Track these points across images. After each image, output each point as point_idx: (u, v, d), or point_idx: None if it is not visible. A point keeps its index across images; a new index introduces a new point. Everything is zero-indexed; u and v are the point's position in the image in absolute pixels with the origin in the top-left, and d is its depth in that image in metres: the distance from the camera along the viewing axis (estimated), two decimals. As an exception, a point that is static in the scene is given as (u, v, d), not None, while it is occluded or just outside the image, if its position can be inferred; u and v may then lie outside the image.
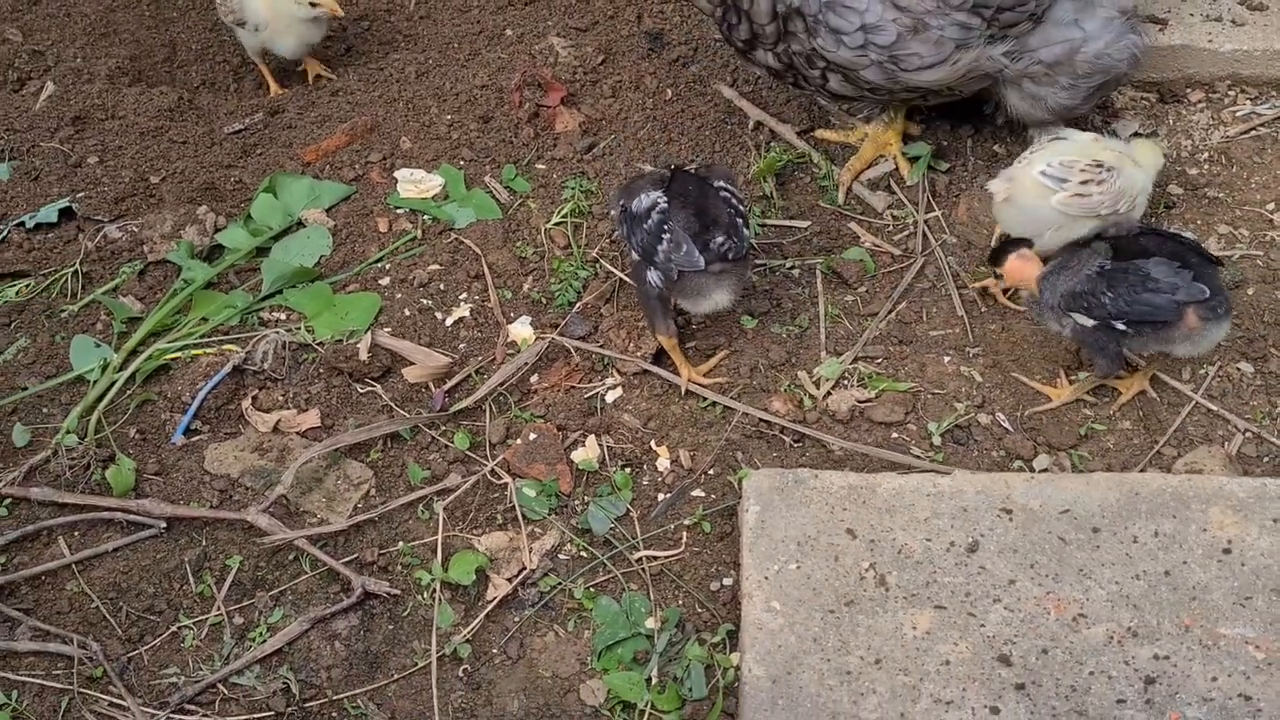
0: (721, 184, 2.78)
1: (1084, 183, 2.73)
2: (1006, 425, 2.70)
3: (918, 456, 2.64)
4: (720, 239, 2.64)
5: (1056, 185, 2.73)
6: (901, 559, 2.35)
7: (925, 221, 3.08)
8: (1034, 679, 2.18)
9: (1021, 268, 2.66)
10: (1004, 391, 2.75)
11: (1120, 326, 2.52)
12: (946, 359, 2.82)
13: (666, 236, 2.65)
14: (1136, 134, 3.18)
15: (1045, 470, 2.60)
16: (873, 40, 2.77)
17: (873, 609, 2.28)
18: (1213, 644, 2.20)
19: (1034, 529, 2.37)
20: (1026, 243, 2.70)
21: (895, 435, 2.69)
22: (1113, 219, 2.73)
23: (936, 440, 2.67)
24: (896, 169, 3.21)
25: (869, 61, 2.81)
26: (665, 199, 2.70)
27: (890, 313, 2.90)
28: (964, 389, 2.76)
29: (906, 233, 3.08)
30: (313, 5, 3.49)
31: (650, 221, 2.68)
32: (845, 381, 2.79)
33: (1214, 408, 2.69)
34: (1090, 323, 2.54)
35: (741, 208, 2.76)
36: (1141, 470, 2.58)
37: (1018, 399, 2.74)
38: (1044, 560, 2.33)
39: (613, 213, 2.94)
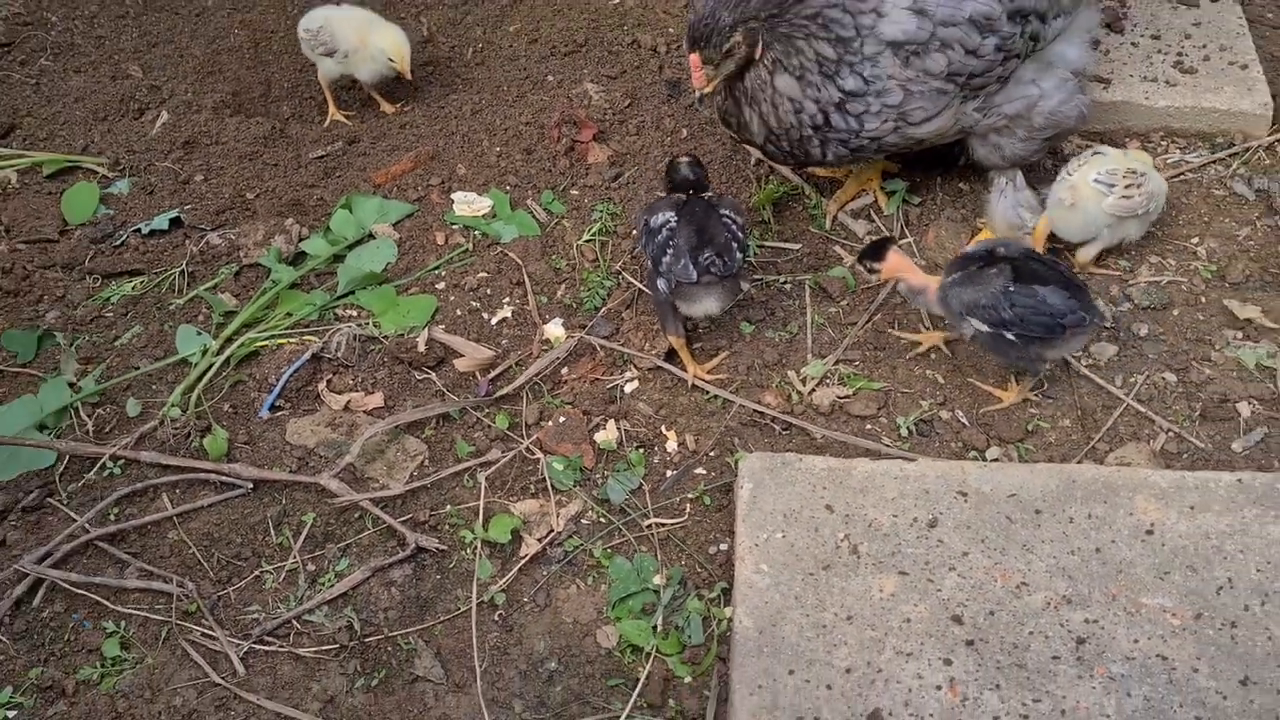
0: (726, 212, 2.77)
1: (1127, 187, 2.78)
2: (964, 420, 2.68)
3: (888, 445, 2.62)
4: (710, 256, 2.62)
5: (1108, 190, 2.78)
6: (872, 531, 2.33)
7: (899, 246, 3.05)
8: (982, 636, 2.17)
9: (899, 262, 2.69)
10: (962, 392, 2.73)
11: (1009, 336, 2.55)
12: (914, 363, 2.80)
13: (670, 250, 2.65)
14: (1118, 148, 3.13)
15: (996, 460, 2.58)
16: (885, 103, 2.70)
17: (846, 573, 2.27)
18: (1135, 611, 2.19)
19: (985, 509, 2.35)
20: (893, 240, 2.77)
21: (869, 427, 2.68)
22: (1145, 217, 2.86)
23: (904, 432, 2.65)
24: (876, 201, 3.19)
25: (890, 127, 2.74)
26: (676, 218, 2.69)
27: (867, 323, 2.88)
28: (929, 389, 2.74)
29: (883, 255, 3.06)
30: (390, 61, 3.48)
31: (660, 236, 2.68)
32: (828, 380, 2.77)
33: (1142, 410, 2.67)
34: (986, 329, 2.57)
35: (740, 234, 2.74)
36: (1078, 462, 2.56)
37: (974, 399, 2.72)
38: (993, 536, 2.31)
39: (634, 231, 2.92)
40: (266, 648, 2.35)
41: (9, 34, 3.97)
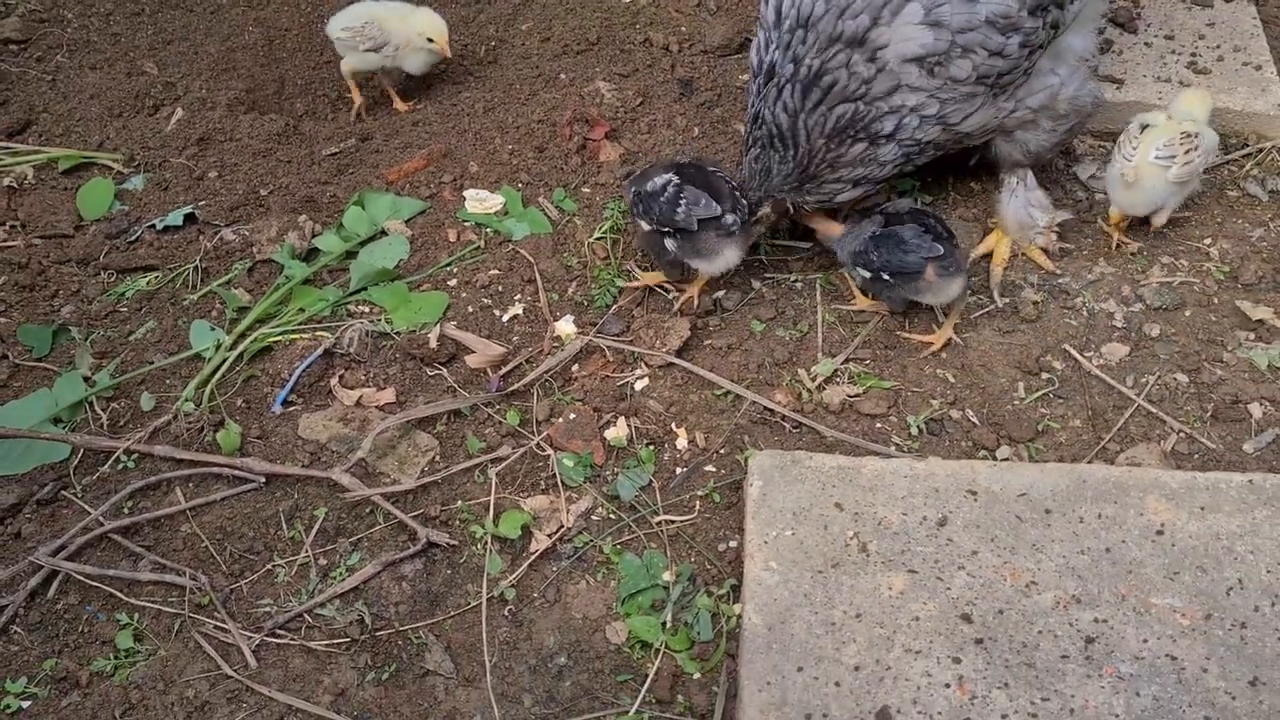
0: (715, 169, 2.87)
1: (1187, 153, 2.83)
2: (974, 420, 2.69)
3: (898, 444, 2.63)
4: (729, 205, 2.75)
5: (1169, 162, 2.83)
6: (881, 530, 2.34)
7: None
8: (991, 635, 2.17)
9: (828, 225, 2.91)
10: (973, 391, 2.74)
11: (886, 278, 2.73)
12: (925, 362, 2.80)
13: (684, 199, 2.75)
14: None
15: (1006, 459, 2.59)
16: (924, 114, 2.72)
17: (855, 571, 2.28)
18: (1145, 611, 2.19)
19: (995, 508, 2.36)
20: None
21: (879, 425, 2.68)
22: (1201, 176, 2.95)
23: (914, 431, 2.65)
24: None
25: (936, 132, 2.76)
26: (677, 177, 2.80)
27: (878, 322, 2.89)
28: (939, 388, 2.75)
29: (894, 255, 3.06)
30: (429, 41, 3.51)
31: (666, 194, 2.76)
32: (838, 378, 2.78)
33: (1153, 410, 2.67)
34: (867, 274, 2.77)
35: (735, 184, 2.83)
36: (1089, 462, 2.56)
37: (984, 398, 2.72)
38: (1003, 535, 2.32)
39: (625, 197, 2.99)
40: (278, 641, 2.37)
41: (26, 31, 4.00)
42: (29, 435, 2.70)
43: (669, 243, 2.79)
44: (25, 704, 2.30)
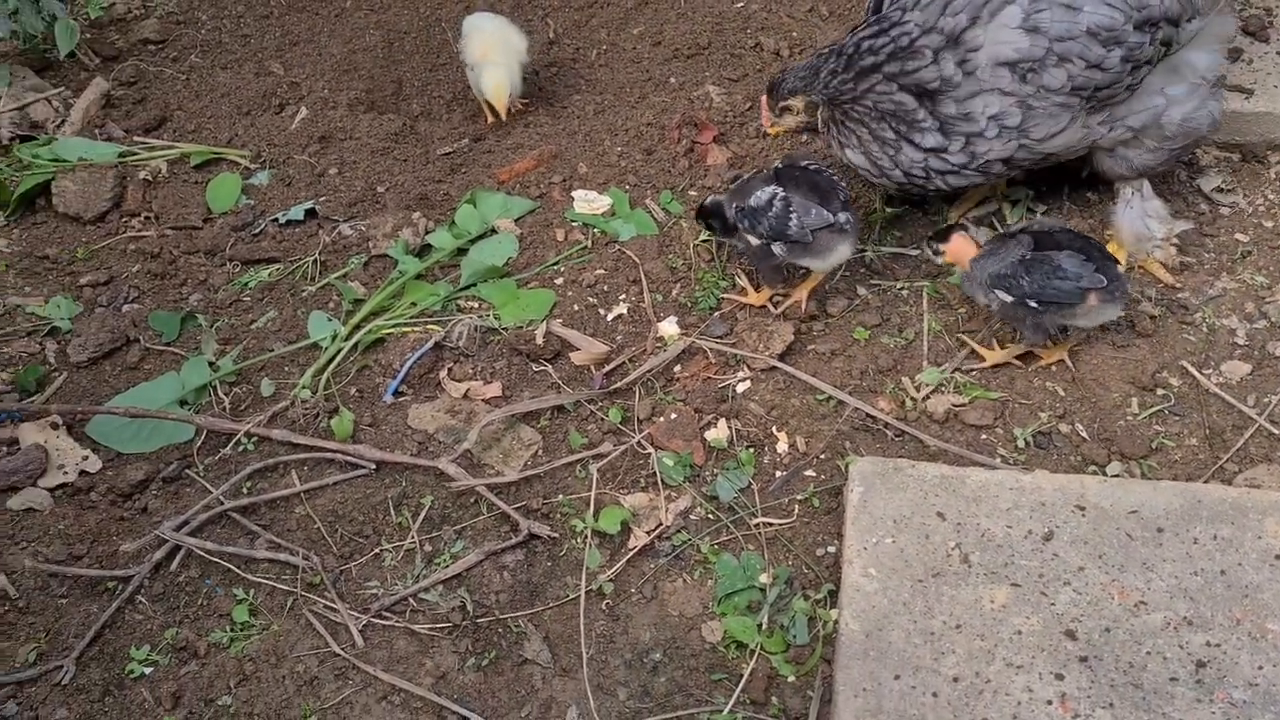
0: (811, 163, 2.86)
1: None
2: (1084, 435, 2.63)
3: (1003, 456, 2.59)
4: (837, 204, 2.77)
5: None
6: (984, 541, 2.31)
7: (967, 233, 2.97)
8: (1096, 654, 2.12)
9: (962, 246, 2.74)
10: (1084, 405, 2.68)
11: (1033, 304, 2.61)
12: (1034, 375, 2.75)
13: (794, 212, 2.75)
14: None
15: (1117, 476, 2.53)
16: (1005, 124, 2.69)
17: (956, 582, 2.26)
18: (1261, 637, 2.12)
19: (1104, 525, 2.31)
20: (964, 226, 2.79)
21: (984, 437, 2.65)
22: None
23: (1021, 443, 2.61)
24: (1000, 209, 3.15)
25: (1015, 146, 2.73)
26: (781, 188, 2.80)
27: (986, 332, 2.85)
28: (1048, 401, 2.70)
29: (1004, 264, 3.02)
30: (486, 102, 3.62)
31: (775, 208, 2.77)
32: (943, 388, 2.75)
33: (1276, 431, 2.58)
34: (1009, 299, 2.64)
35: (835, 177, 2.84)
36: (1205, 481, 2.49)
37: (1096, 412, 2.66)
38: (1111, 553, 2.27)
39: (713, 211, 2.98)
40: (384, 622, 2.45)
41: (163, 32, 4.21)
42: (157, 415, 2.85)
43: (777, 248, 2.80)
44: (148, 670, 2.43)
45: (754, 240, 2.83)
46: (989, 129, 2.71)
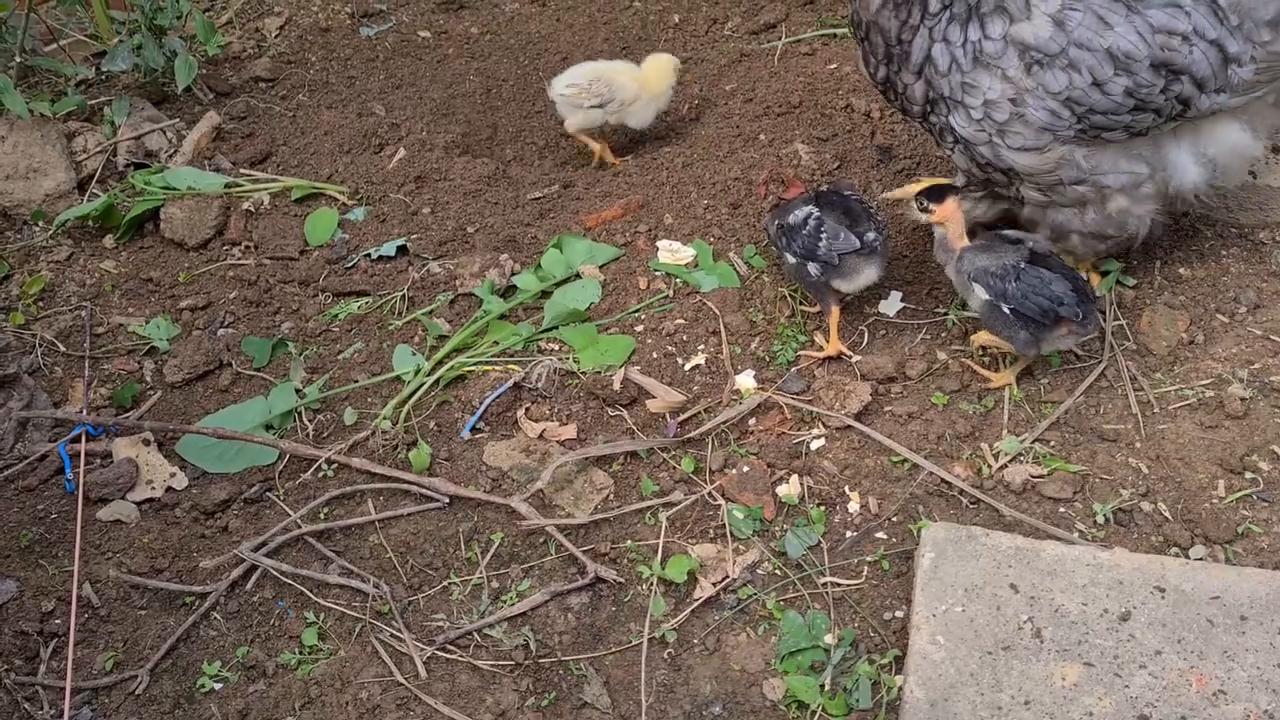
0: (851, 192, 3.02)
1: None
2: (1167, 514, 2.57)
3: (1081, 531, 2.54)
4: (865, 228, 2.90)
5: None
6: (1058, 617, 2.27)
7: (1110, 330, 2.98)
8: (1171, 741, 2.07)
9: (953, 211, 2.83)
10: (1168, 485, 2.62)
11: (1005, 309, 2.71)
12: (1116, 449, 2.71)
13: (824, 234, 2.89)
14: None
15: (1200, 559, 2.46)
16: (991, 115, 2.74)
17: (1027, 656, 2.21)
18: (1348, 738, 2.04)
19: (1184, 609, 2.25)
20: (958, 190, 2.89)
21: (1062, 510, 2.60)
22: None
23: (1100, 519, 2.56)
24: (1088, 280, 3.11)
25: (985, 137, 2.77)
26: (817, 209, 2.95)
27: (1070, 404, 2.81)
28: (1130, 478, 2.65)
29: (1090, 336, 2.98)
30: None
31: (809, 227, 2.93)
32: (1021, 458, 2.72)
33: (1371, 524, 2.49)
34: (986, 296, 2.75)
35: (871, 206, 2.99)
36: (1293, 571, 2.41)
37: (1180, 492, 2.60)
38: (1190, 638, 2.21)
39: (768, 231, 3.12)
40: (448, 655, 2.48)
41: (274, 70, 4.41)
42: (243, 438, 2.95)
43: (812, 268, 2.93)
44: (218, 686, 2.49)
45: (790, 258, 2.98)
46: (978, 112, 2.75)
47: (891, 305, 3.11)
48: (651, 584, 2.55)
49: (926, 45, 2.73)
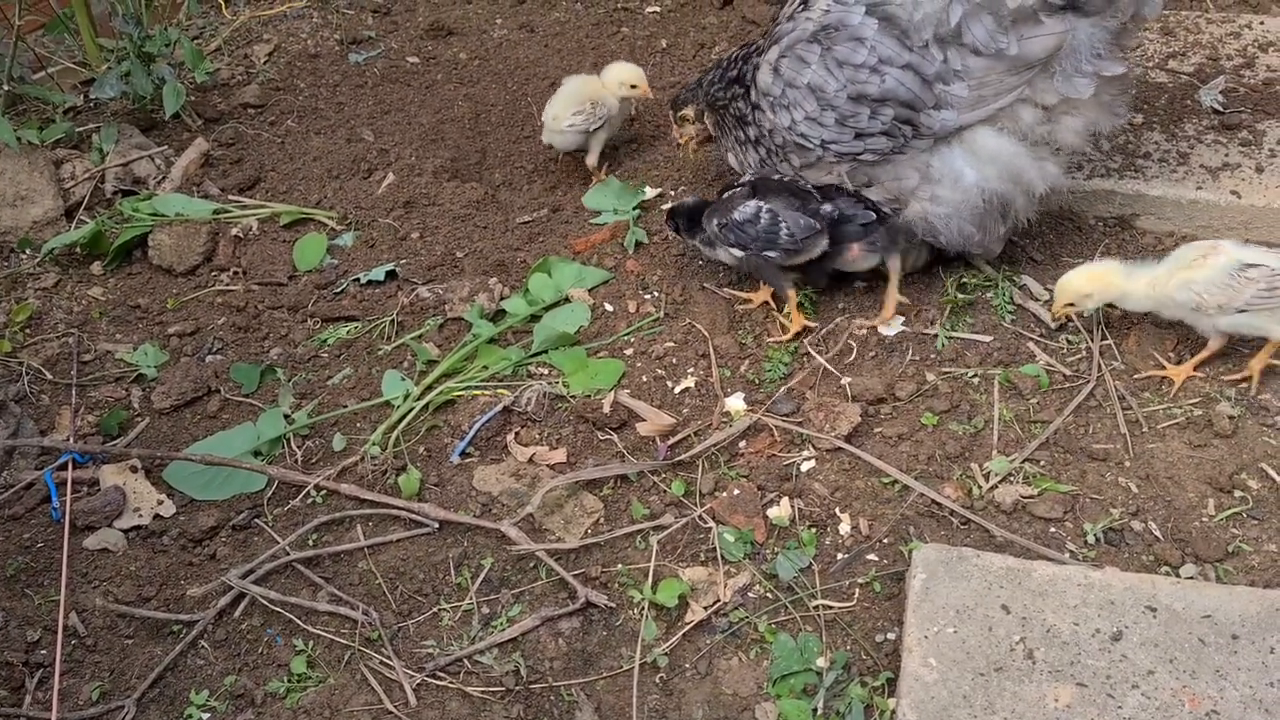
0: (779, 176, 3.15)
1: None
2: (1157, 534, 2.58)
3: (1072, 551, 2.55)
4: (814, 204, 3.05)
5: None
6: (1049, 637, 2.27)
7: (1098, 349, 2.99)
8: (1164, 762, 2.06)
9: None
10: (1158, 504, 2.63)
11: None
12: (1105, 468, 2.72)
13: (784, 224, 3.01)
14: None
15: (1191, 578, 2.47)
16: (777, 145, 3.04)
17: (1019, 677, 2.21)
18: (1341, 756, 2.04)
19: (1175, 628, 2.25)
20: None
21: (1053, 530, 2.61)
22: None
23: (1091, 539, 2.57)
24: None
25: (801, 131, 3.01)
26: (765, 202, 3.06)
27: (1059, 423, 2.82)
28: (1120, 497, 2.65)
29: (1079, 356, 3.00)
30: (632, 88, 3.77)
31: (762, 222, 3.04)
32: (1011, 478, 2.72)
33: (1360, 542, 2.50)
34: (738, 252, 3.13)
35: (802, 179, 3.13)
36: (1284, 589, 2.41)
37: (1170, 511, 2.61)
38: (1182, 657, 2.21)
39: (698, 236, 3.27)
40: (438, 682, 2.46)
41: (263, 97, 4.43)
42: (231, 464, 2.94)
43: (770, 254, 3.05)
44: (205, 715, 2.47)
45: (737, 253, 3.09)
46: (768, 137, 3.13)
47: (892, 327, 3.12)
48: (643, 608, 2.54)
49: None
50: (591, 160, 3.78)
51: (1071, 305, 2.93)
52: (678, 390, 3.04)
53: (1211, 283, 2.74)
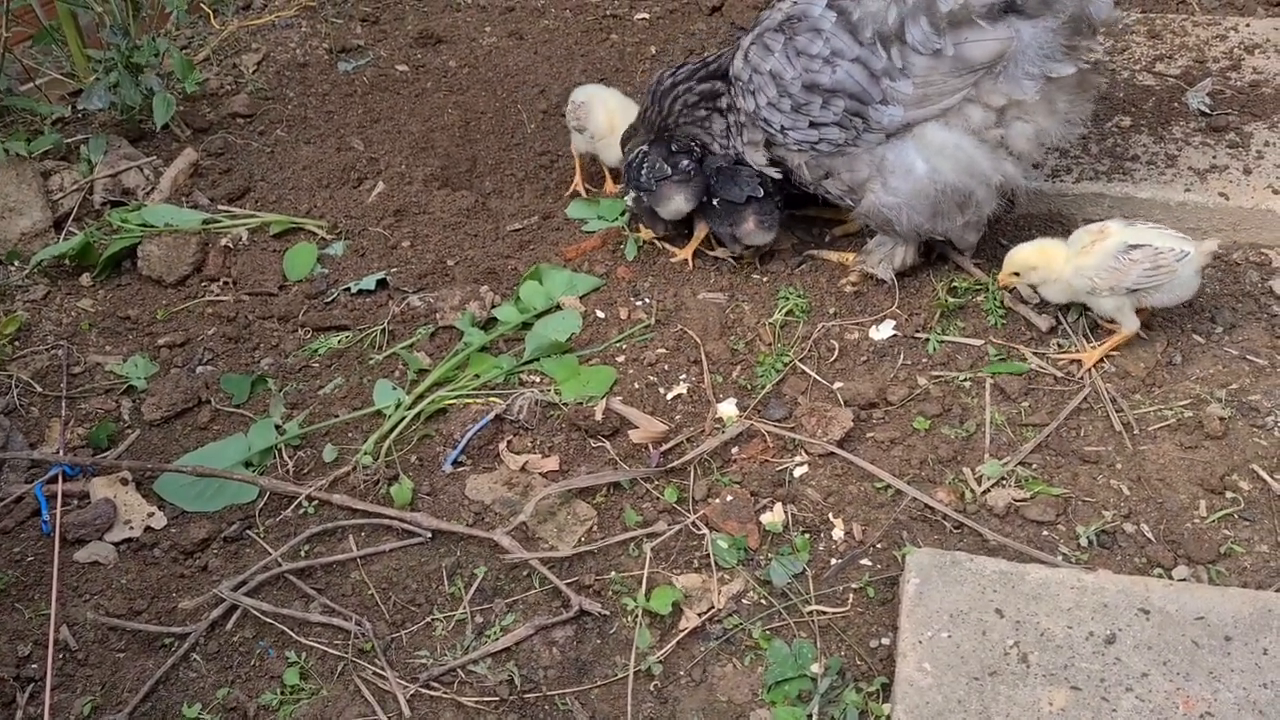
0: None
1: None
2: (1150, 536, 2.58)
3: (1065, 554, 2.55)
4: (683, 162, 3.28)
5: None
6: (1043, 641, 2.27)
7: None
8: (1159, 764, 2.06)
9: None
10: (1149, 506, 2.64)
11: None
12: (1098, 471, 2.72)
13: (645, 167, 3.31)
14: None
15: (1184, 580, 2.47)
16: (763, 90, 3.07)
17: (1013, 681, 2.21)
18: (1335, 757, 2.04)
19: (1169, 630, 2.25)
20: None
21: (1045, 533, 2.61)
22: None
23: (1083, 541, 2.57)
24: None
25: (764, 115, 3.09)
26: (647, 147, 3.35)
27: (1051, 427, 2.82)
28: (1112, 499, 2.66)
29: (1070, 359, 3.01)
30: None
31: (634, 162, 3.35)
32: (1004, 481, 2.72)
33: (1351, 542, 2.51)
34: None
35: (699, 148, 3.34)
36: (1276, 590, 2.42)
37: (1162, 513, 2.61)
38: (1176, 660, 2.21)
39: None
40: (432, 692, 2.45)
41: (252, 106, 4.42)
42: (223, 475, 2.93)
43: (638, 193, 3.33)
44: (197, 729, 2.46)
45: (632, 192, 3.37)
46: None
47: (883, 330, 3.12)
48: (636, 616, 2.54)
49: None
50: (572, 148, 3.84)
51: (1017, 275, 2.96)
52: (670, 397, 3.04)
53: (1101, 267, 2.79)
